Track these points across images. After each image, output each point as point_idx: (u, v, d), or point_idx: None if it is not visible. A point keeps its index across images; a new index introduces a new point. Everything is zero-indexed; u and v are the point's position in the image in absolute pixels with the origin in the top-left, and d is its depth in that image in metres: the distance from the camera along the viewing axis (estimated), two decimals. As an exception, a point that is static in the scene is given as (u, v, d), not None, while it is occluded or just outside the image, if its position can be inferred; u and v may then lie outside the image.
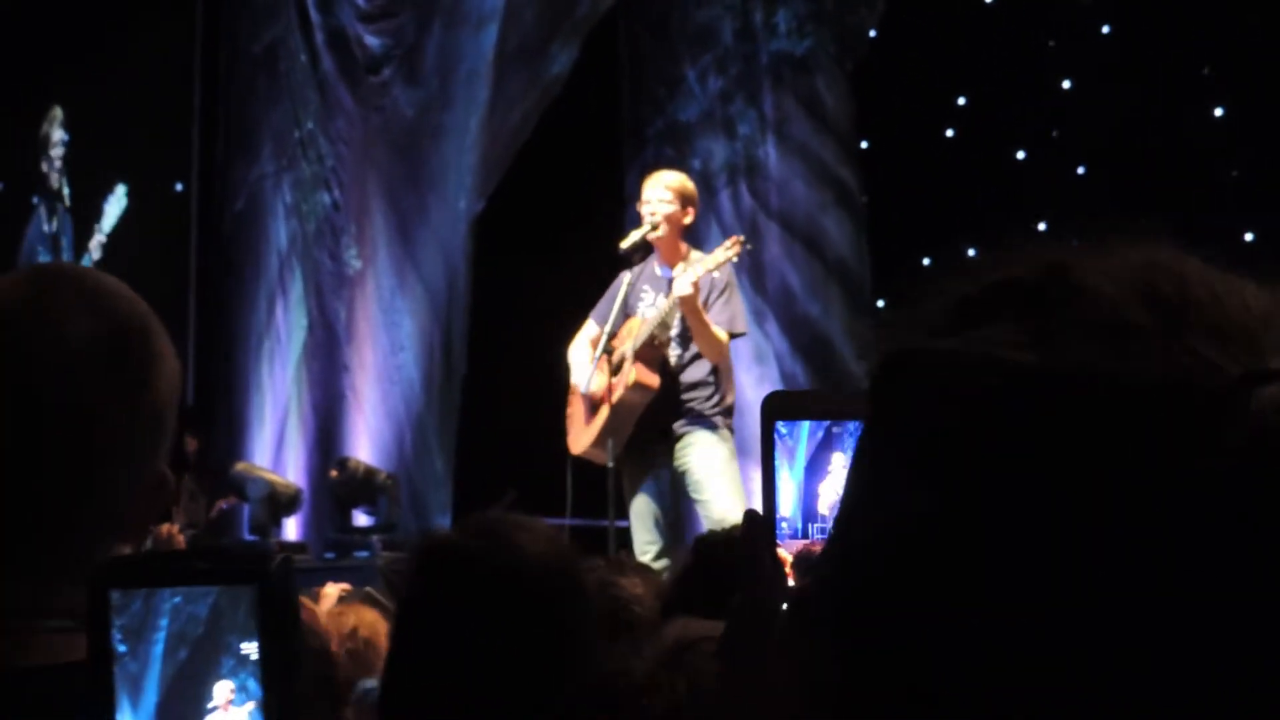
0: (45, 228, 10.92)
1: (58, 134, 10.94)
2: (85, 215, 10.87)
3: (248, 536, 8.17)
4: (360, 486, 8.29)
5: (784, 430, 1.00)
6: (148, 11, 10.51)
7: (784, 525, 1.01)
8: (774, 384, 8.92)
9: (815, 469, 1.01)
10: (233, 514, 9.06)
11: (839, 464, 1.00)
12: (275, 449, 9.94)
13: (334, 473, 8.47)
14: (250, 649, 1.04)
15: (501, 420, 9.01)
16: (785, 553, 1.01)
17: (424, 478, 9.44)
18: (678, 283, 5.90)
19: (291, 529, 9.13)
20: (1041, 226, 8.97)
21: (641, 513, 6.02)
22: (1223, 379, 0.61)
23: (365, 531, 8.16)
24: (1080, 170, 9.03)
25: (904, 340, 0.68)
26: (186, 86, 10.74)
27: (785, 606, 0.71)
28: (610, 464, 6.00)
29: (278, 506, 8.18)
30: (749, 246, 6.29)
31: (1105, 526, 0.60)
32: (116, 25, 10.42)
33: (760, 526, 0.97)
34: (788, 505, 1.01)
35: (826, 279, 9.03)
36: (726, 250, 5.98)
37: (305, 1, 10.16)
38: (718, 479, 5.89)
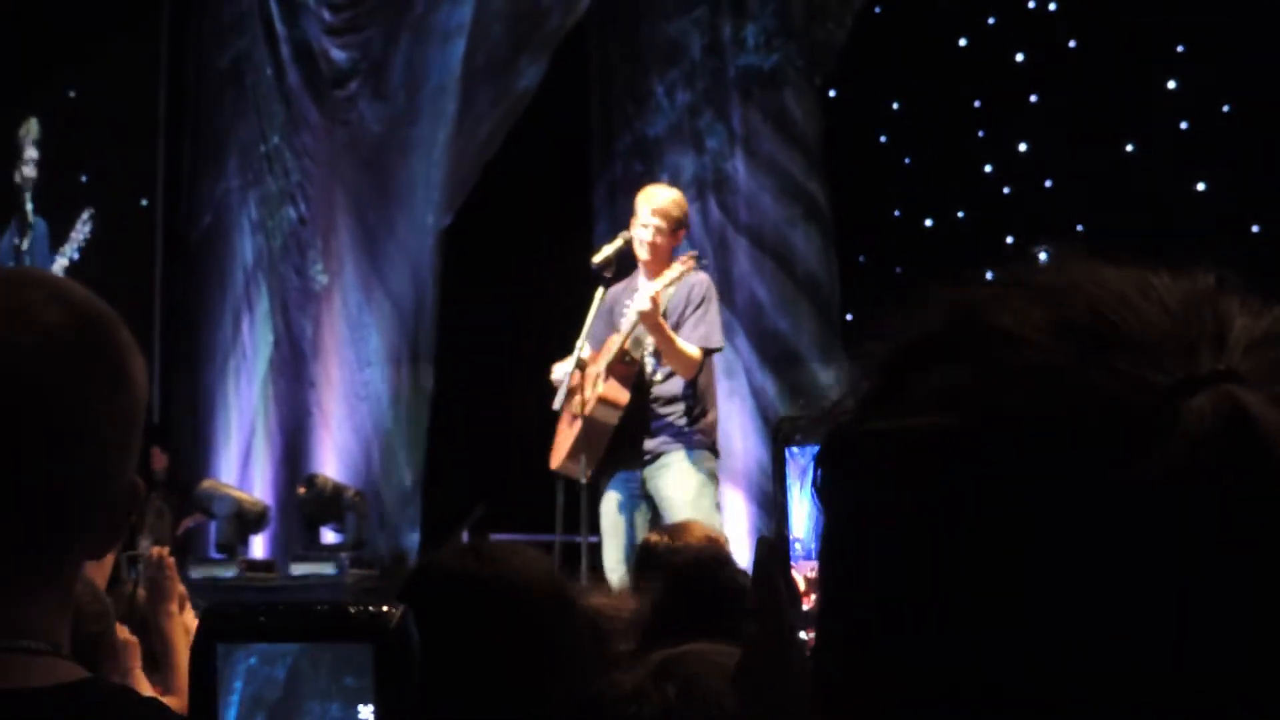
0: (15, 242, 10.83)
1: (30, 150, 10.87)
2: (53, 232, 10.79)
3: (214, 555, 8.11)
4: (328, 503, 8.25)
5: (796, 449, 0.97)
6: (113, 24, 10.44)
7: (797, 546, 0.98)
8: (743, 399, 8.90)
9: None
10: (199, 532, 8.99)
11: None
12: (242, 466, 9.86)
13: (301, 490, 8.42)
14: (347, 706, 0.94)
15: (469, 436, 8.97)
16: (799, 575, 0.98)
17: (392, 494, 9.39)
18: (637, 298, 5.87)
19: (258, 547, 9.06)
20: (1009, 240, 9.00)
21: (612, 531, 5.95)
22: (1151, 395, 0.61)
23: (333, 549, 8.12)
24: (1048, 184, 9.06)
25: (838, 422, 0.68)
26: (152, 100, 10.68)
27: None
28: (583, 480, 5.95)
29: (245, 524, 8.13)
30: (705, 262, 6.26)
31: (1056, 566, 0.60)
32: (82, 38, 10.34)
33: (774, 551, 0.94)
34: (801, 525, 0.98)
35: (796, 293, 9.03)
36: (682, 264, 5.97)
37: (271, 14, 10.11)
38: (687, 508, 5.80)
